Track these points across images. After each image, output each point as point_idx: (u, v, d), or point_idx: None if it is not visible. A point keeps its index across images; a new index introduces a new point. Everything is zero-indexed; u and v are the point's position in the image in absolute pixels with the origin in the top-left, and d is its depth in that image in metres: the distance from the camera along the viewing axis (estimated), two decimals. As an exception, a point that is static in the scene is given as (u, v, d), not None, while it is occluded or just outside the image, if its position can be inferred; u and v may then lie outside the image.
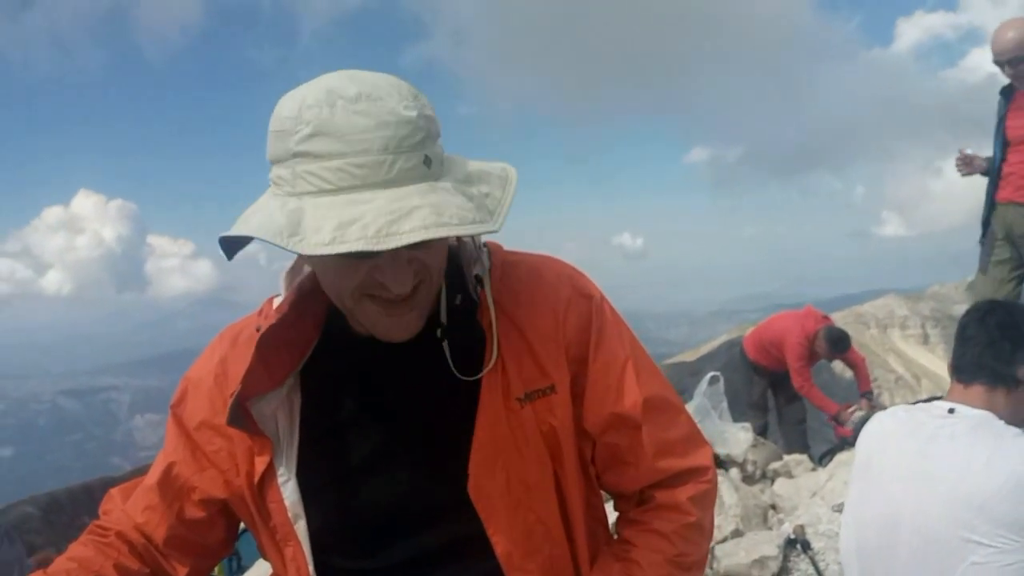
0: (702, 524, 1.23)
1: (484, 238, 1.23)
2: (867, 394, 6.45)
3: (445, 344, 1.14)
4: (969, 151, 4.80)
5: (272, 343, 1.12)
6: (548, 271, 1.22)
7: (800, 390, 6.32)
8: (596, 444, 1.21)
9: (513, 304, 1.16)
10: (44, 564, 1.18)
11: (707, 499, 1.25)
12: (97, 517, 1.29)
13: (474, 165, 1.06)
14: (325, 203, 0.92)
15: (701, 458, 1.24)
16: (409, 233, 0.89)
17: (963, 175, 4.85)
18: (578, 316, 1.18)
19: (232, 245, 1.04)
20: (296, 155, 0.95)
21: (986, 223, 4.81)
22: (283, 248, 0.91)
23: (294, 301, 1.16)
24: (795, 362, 6.24)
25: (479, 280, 1.16)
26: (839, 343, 6.27)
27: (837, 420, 6.07)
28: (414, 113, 0.96)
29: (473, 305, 1.15)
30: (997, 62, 4.41)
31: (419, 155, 0.96)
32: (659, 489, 1.22)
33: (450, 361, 1.13)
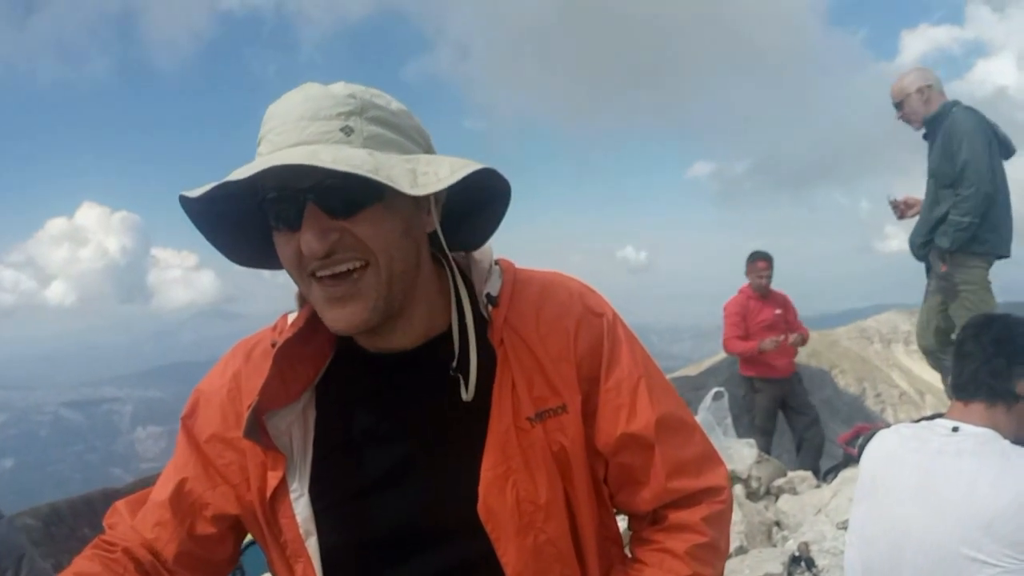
0: (717, 544, 1.21)
1: (495, 255, 1.24)
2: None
3: (460, 377, 1.13)
4: (898, 197, 5.18)
5: (289, 356, 1.13)
6: (560, 289, 1.22)
7: (725, 347, 6.69)
8: (609, 464, 1.20)
9: (524, 323, 1.16)
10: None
11: (722, 519, 1.23)
12: (98, 528, 1.27)
13: (448, 159, 1.06)
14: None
15: (716, 478, 1.23)
16: (274, 161, 0.95)
17: (898, 218, 5.18)
18: (589, 335, 1.18)
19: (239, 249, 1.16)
20: (257, 146, 1.05)
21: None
22: (188, 197, 1.03)
23: (309, 317, 1.16)
24: (728, 330, 6.58)
25: (490, 298, 1.16)
26: (751, 254, 6.63)
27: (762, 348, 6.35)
28: (344, 92, 1.04)
29: (484, 324, 1.16)
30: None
31: (337, 123, 1.01)
32: (673, 509, 1.21)
33: (464, 388, 1.12)
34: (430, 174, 1.01)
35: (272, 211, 1.04)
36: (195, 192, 1.02)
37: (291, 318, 1.21)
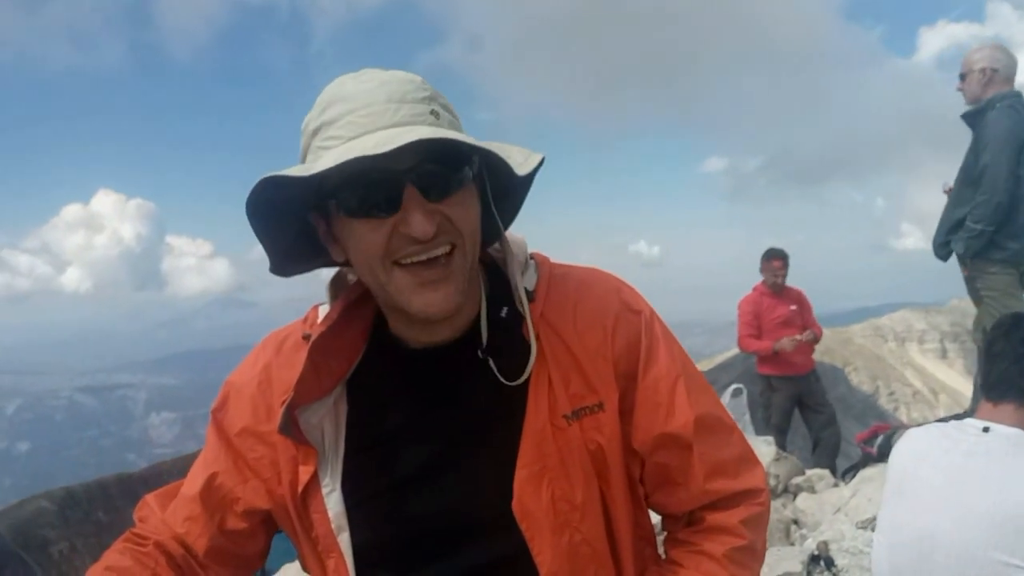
0: (754, 547, 1.20)
1: (530, 250, 1.22)
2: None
3: (490, 360, 1.11)
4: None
5: (322, 350, 1.11)
6: (597, 285, 1.20)
7: (740, 345, 6.69)
8: (645, 463, 1.18)
9: (560, 318, 1.14)
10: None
11: (760, 521, 1.21)
12: (112, 513, 1.26)
13: (507, 145, 1.06)
14: (335, 151, 0.96)
15: (754, 480, 1.21)
16: (406, 139, 0.90)
17: None
18: (627, 332, 1.15)
19: (273, 247, 1.09)
20: (315, 132, 1.02)
21: None
22: (293, 176, 0.94)
23: (342, 310, 1.15)
24: (741, 328, 6.55)
25: (527, 293, 1.14)
26: (767, 252, 6.59)
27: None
28: (416, 78, 1.02)
29: (519, 318, 1.13)
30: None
31: (426, 107, 1.00)
32: (710, 511, 1.19)
33: (496, 372, 1.10)
34: (511, 157, 1.01)
35: (360, 195, 0.99)
36: (299, 171, 0.95)
37: (322, 310, 1.20)
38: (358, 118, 0.97)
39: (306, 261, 1.18)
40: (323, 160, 0.95)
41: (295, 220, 1.09)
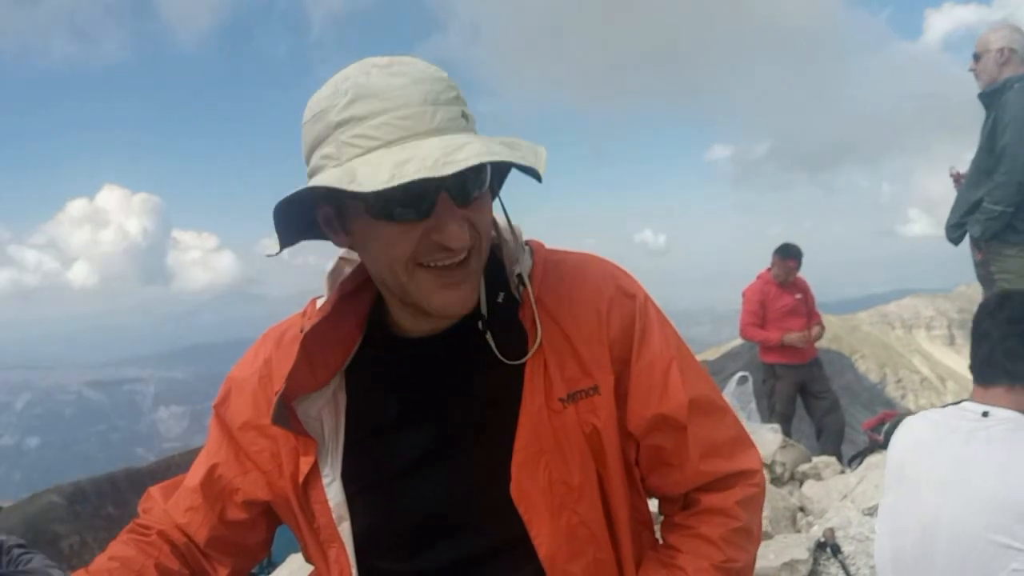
0: (750, 529, 1.20)
1: (525, 236, 1.22)
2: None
3: (489, 336, 1.12)
4: (962, 170, 4.80)
5: (316, 342, 1.12)
6: (591, 270, 1.20)
7: (742, 334, 6.74)
8: (640, 446, 1.19)
9: (555, 303, 1.15)
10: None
11: (755, 503, 1.21)
12: (121, 506, 1.28)
13: (505, 137, 1.05)
14: (376, 156, 0.93)
15: (749, 461, 1.21)
16: (466, 160, 0.88)
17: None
18: (621, 315, 1.16)
19: (284, 232, 1.02)
20: (339, 125, 0.96)
21: None
22: (343, 191, 0.90)
23: (337, 301, 1.15)
24: (745, 317, 6.57)
25: (521, 279, 1.14)
26: (784, 248, 6.57)
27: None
28: (443, 73, 1.00)
29: (515, 304, 1.13)
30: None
31: (457, 109, 0.99)
32: (705, 492, 1.20)
33: (495, 348, 1.11)
34: (526, 157, 0.99)
35: (392, 199, 0.95)
36: (357, 186, 0.88)
37: (319, 303, 1.20)
38: (395, 119, 0.94)
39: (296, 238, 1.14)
40: (369, 169, 0.90)
41: (306, 208, 1.07)
